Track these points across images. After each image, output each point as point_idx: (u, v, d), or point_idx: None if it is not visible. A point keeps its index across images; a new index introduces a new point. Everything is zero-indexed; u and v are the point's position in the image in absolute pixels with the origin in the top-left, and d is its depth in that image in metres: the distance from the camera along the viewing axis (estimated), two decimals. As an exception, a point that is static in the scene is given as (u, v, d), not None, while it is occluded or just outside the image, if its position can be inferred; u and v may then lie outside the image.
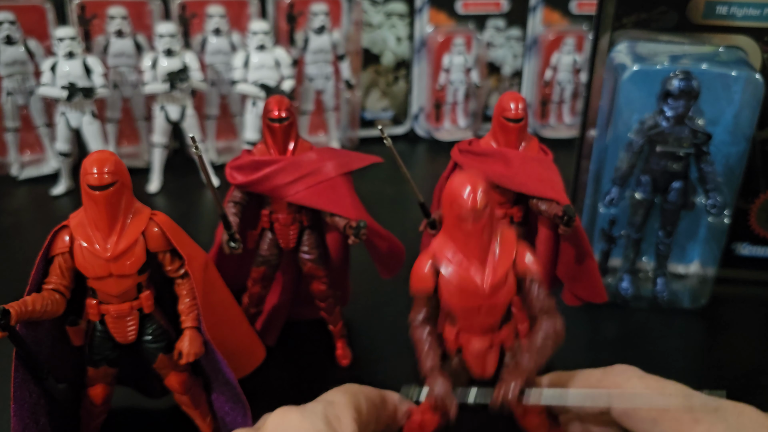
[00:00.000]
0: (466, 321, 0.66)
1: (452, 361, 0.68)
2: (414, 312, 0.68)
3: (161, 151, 1.59)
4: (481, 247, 0.63)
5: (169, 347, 0.78)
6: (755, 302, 1.18)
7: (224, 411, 0.81)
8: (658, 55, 1.04)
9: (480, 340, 0.66)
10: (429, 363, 0.65)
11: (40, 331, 0.74)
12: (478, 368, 0.67)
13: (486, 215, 0.62)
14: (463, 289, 0.64)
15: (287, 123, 0.88)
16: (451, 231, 0.64)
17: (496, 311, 0.65)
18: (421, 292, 0.66)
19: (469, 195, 0.61)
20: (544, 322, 0.65)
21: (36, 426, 0.72)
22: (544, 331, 0.65)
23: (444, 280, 0.64)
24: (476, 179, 0.62)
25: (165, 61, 1.50)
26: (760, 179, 1.14)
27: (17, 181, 1.60)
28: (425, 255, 0.66)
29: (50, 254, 0.73)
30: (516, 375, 0.63)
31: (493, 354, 0.66)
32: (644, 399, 0.62)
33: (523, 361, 0.64)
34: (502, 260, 0.64)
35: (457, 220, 0.62)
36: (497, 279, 0.63)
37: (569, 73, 1.90)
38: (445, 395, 0.64)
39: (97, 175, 0.69)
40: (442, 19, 1.84)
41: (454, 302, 0.65)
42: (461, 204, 0.61)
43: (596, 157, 1.11)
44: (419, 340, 0.67)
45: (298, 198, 0.88)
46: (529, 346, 0.65)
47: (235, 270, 0.96)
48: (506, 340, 0.67)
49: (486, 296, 0.63)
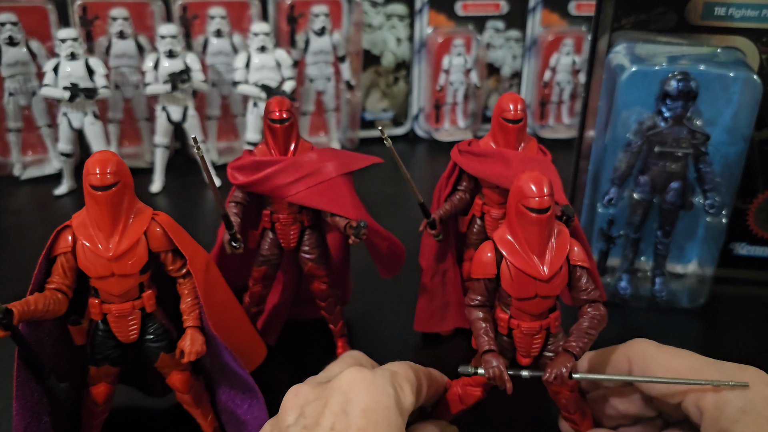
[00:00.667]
0: (520, 307, 0.72)
1: (502, 340, 0.75)
2: (471, 294, 0.74)
3: (163, 152, 1.59)
4: (542, 240, 0.69)
5: (170, 346, 0.78)
6: (753, 302, 1.18)
7: (235, 404, 0.81)
8: (657, 56, 1.05)
9: (530, 324, 0.72)
10: (485, 344, 0.72)
11: (42, 331, 0.74)
12: (525, 348, 0.74)
13: (550, 212, 0.68)
14: (523, 278, 0.69)
15: (288, 124, 0.88)
16: (516, 224, 0.69)
17: (548, 299, 0.71)
18: (482, 276, 0.72)
19: (537, 192, 0.67)
20: (590, 310, 0.72)
21: (38, 425, 0.73)
22: (590, 318, 0.72)
23: (506, 267, 0.70)
24: (542, 177, 0.68)
25: (167, 62, 1.50)
26: (758, 179, 1.14)
27: (20, 181, 1.61)
28: (488, 243, 0.72)
29: (53, 254, 0.73)
30: (566, 358, 0.70)
31: (540, 337, 0.73)
32: (678, 381, 0.68)
33: (571, 345, 0.70)
34: (558, 253, 0.70)
35: (522, 214, 0.68)
36: (554, 270, 0.69)
37: (568, 74, 1.90)
38: (501, 373, 0.70)
39: (99, 175, 0.69)
40: (442, 21, 1.84)
41: (513, 289, 0.70)
42: (529, 200, 0.67)
43: (595, 157, 1.11)
44: (475, 320, 0.73)
45: (299, 198, 0.88)
46: (577, 332, 0.71)
47: (237, 269, 0.97)
48: (552, 325, 0.73)
49: (543, 286, 0.69)
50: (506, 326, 0.73)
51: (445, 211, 0.96)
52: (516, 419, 0.90)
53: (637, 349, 0.74)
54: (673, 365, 0.70)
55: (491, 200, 0.96)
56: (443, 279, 1.02)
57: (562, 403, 0.77)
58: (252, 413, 0.81)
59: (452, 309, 1.04)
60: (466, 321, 1.05)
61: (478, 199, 0.97)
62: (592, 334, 0.71)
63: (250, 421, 0.81)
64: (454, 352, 1.03)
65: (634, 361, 0.73)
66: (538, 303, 0.71)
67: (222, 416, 0.84)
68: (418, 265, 1.02)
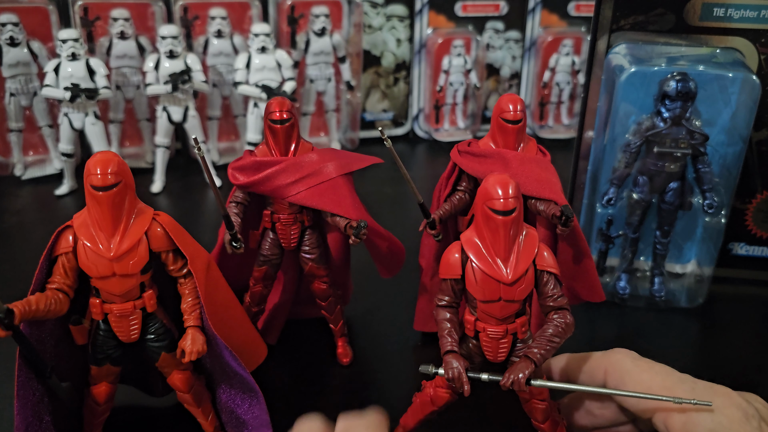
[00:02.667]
0: (485, 309, 0.71)
1: (469, 343, 0.74)
2: (439, 294, 0.74)
3: (164, 152, 1.60)
4: (507, 244, 0.68)
5: (171, 346, 0.79)
6: (752, 301, 1.18)
7: (235, 404, 0.81)
8: (656, 56, 1.05)
9: (496, 328, 0.71)
10: (448, 345, 0.71)
11: (43, 330, 0.75)
12: (491, 352, 0.73)
13: (515, 214, 0.67)
14: (486, 281, 0.69)
15: (288, 124, 0.88)
16: (481, 226, 0.69)
17: (513, 303, 0.70)
18: (449, 277, 0.72)
19: (502, 194, 0.67)
20: (555, 317, 0.71)
21: (39, 424, 0.73)
22: (554, 326, 0.70)
23: (470, 270, 0.70)
24: (508, 180, 0.68)
25: (167, 63, 1.51)
26: (756, 179, 1.14)
27: (21, 181, 1.61)
28: (455, 244, 0.72)
29: (54, 254, 0.73)
30: (525, 364, 0.69)
31: (506, 341, 0.72)
32: (638, 395, 0.67)
33: (533, 351, 0.69)
34: (524, 257, 0.69)
35: (487, 216, 0.68)
36: (518, 274, 0.69)
37: (567, 75, 1.90)
38: (460, 375, 0.69)
39: (100, 175, 0.69)
40: (442, 22, 1.85)
41: (477, 291, 0.70)
42: (493, 202, 0.67)
43: (594, 157, 1.12)
44: (441, 321, 0.73)
45: (300, 198, 0.89)
46: (540, 339, 0.70)
47: (238, 269, 0.97)
48: (519, 331, 0.72)
49: (506, 289, 0.69)
50: (473, 329, 0.73)
51: (444, 212, 0.96)
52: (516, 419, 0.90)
53: (614, 360, 0.73)
54: (646, 380, 0.69)
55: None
56: (443, 279, 1.02)
57: (532, 412, 0.76)
58: (252, 413, 0.81)
59: (452, 309, 1.04)
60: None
61: (478, 200, 0.98)
62: (555, 342, 0.70)
63: (251, 421, 0.81)
64: (453, 352, 1.04)
65: (609, 371, 0.72)
66: (502, 306, 0.70)
67: (222, 416, 0.84)
68: (418, 265, 1.02)
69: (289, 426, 0.87)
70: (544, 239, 0.94)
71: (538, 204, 0.90)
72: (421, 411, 0.80)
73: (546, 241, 0.94)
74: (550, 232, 0.94)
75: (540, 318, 0.98)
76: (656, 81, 1.01)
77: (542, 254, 0.70)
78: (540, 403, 0.75)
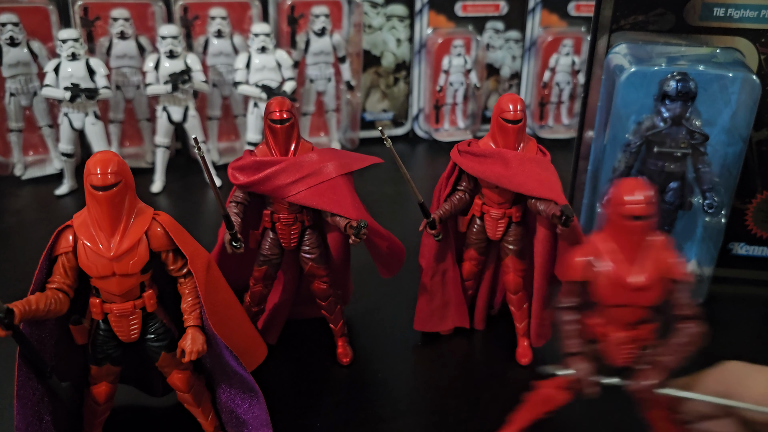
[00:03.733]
0: (611, 314, 0.71)
1: (590, 346, 0.74)
2: (563, 297, 0.73)
3: (164, 152, 1.60)
4: (637, 249, 0.69)
5: (171, 346, 0.79)
6: (752, 301, 1.18)
7: (235, 403, 0.81)
8: (656, 56, 1.05)
9: (621, 333, 0.71)
10: (574, 347, 0.72)
11: (43, 330, 0.75)
12: (614, 357, 0.73)
13: (648, 221, 0.68)
14: (614, 285, 0.69)
15: (288, 124, 0.88)
16: (613, 230, 0.69)
17: (641, 309, 0.70)
18: (574, 279, 0.72)
19: (638, 200, 0.67)
20: (685, 326, 0.70)
21: (39, 424, 0.73)
22: (684, 334, 0.70)
23: (597, 273, 0.70)
24: (645, 185, 0.68)
25: (167, 63, 1.51)
26: (756, 179, 1.14)
27: (21, 181, 1.61)
28: (582, 247, 0.72)
29: (54, 254, 0.73)
30: (656, 371, 0.70)
31: (632, 347, 0.72)
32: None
33: (663, 359, 0.70)
34: (654, 263, 0.69)
35: (621, 221, 0.68)
36: (648, 280, 0.68)
37: (567, 75, 1.90)
38: (586, 377, 0.71)
39: (100, 175, 0.69)
40: (442, 22, 1.85)
41: (604, 295, 0.70)
42: (629, 208, 0.67)
43: (594, 157, 1.12)
44: (565, 323, 0.73)
45: (300, 198, 0.89)
46: (670, 347, 0.70)
47: (237, 269, 0.97)
48: (646, 337, 0.72)
49: (636, 295, 0.69)
50: (596, 332, 0.73)
51: (444, 211, 0.96)
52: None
53: (731, 371, 0.70)
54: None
55: (491, 200, 0.96)
56: (443, 279, 1.02)
57: (652, 421, 0.76)
58: (252, 412, 0.81)
59: (452, 308, 1.04)
60: (466, 321, 1.06)
61: (478, 199, 0.98)
62: (685, 350, 0.70)
63: (251, 421, 0.81)
64: (453, 352, 1.04)
65: (729, 383, 0.69)
66: (630, 312, 0.70)
67: (222, 415, 0.84)
68: (418, 265, 1.02)
69: (289, 425, 0.87)
70: (543, 239, 0.94)
71: (538, 204, 0.90)
72: (533, 411, 0.80)
73: (546, 240, 0.94)
74: (550, 231, 0.94)
75: (541, 318, 0.98)
76: (656, 81, 1.01)
77: (674, 261, 0.70)
78: (662, 411, 0.75)
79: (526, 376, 0.98)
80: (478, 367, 1.01)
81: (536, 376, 0.86)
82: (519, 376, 0.98)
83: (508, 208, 0.96)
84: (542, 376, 0.77)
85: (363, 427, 0.88)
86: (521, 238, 0.98)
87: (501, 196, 0.95)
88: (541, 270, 0.96)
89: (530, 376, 0.97)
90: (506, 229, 0.98)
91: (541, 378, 0.79)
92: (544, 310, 0.98)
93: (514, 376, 0.98)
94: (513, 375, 0.98)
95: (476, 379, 0.98)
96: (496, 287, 1.08)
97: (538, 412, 0.80)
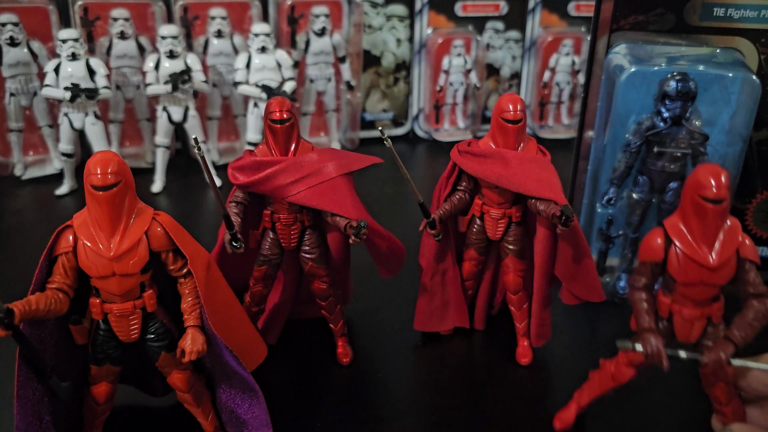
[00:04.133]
0: (684, 292, 0.75)
1: (660, 324, 0.78)
2: (636, 276, 0.78)
3: (164, 152, 1.60)
4: (713, 231, 0.73)
5: (171, 345, 0.79)
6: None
7: (235, 403, 0.82)
8: (656, 56, 1.05)
9: (692, 311, 0.76)
10: (646, 323, 0.76)
11: (43, 330, 0.75)
12: (684, 334, 0.77)
13: (724, 204, 0.71)
14: (689, 264, 0.73)
15: (288, 124, 0.88)
16: (689, 213, 0.73)
17: (713, 288, 0.74)
18: (650, 260, 0.76)
19: (716, 184, 0.71)
20: (756, 303, 0.74)
21: (39, 424, 0.73)
22: (755, 311, 0.74)
23: (674, 253, 0.74)
24: (722, 171, 0.72)
25: (167, 63, 1.51)
26: (756, 179, 1.14)
27: (21, 181, 1.61)
28: (658, 230, 0.76)
29: (54, 254, 0.73)
30: (726, 344, 0.74)
31: (700, 324, 0.76)
32: None
33: (733, 333, 0.74)
34: (727, 244, 0.73)
35: (698, 205, 0.72)
36: (722, 260, 0.73)
37: (567, 75, 1.90)
38: (659, 351, 0.74)
39: (100, 175, 0.70)
40: (442, 22, 1.85)
41: (678, 274, 0.74)
42: (705, 191, 0.71)
43: (594, 157, 1.12)
44: (638, 301, 0.77)
45: (300, 198, 0.89)
46: (740, 323, 0.75)
47: (237, 269, 0.97)
48: (714, 315, 0.76)
49: (709, 274, 0.73)
50: (667, 310, 0.77)
51: (444, 211, 0.96)
52: (516, 419, 0.90)
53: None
54: None
55: (490, 200, 0.96)
56: (443, 278, 1.02)
57: (715, 395, 0.80)
58: (252, 412, 0.81)
59: (452, 308, 1.04)
60: (466, 321, 1.06)
61: (478, 199, 0.98)
62: (756, 326, 0.74)
63: (251, 420, 0.81)
64: (453, 351, 1.04)
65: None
66: (702, 290, 0.74)
67: (222, 415, 0.84)
68: (418, 265, 1.03)
69: (289, 425, 0.87)
70: (543, 239, 0.95)
71: (538, 204, 0.90)
72: (599, 387, 0.84)
73: (546, 240, 0.95)
74: (550, 231, 0.94)
75: (541, 318, 0.99)
76: (656, 81, 1.01)
77: (745, 243, 0.74)
78: (726, 386, 0.79)
79: (526, 376, 0.98)
80: (478, 367, 1.01)
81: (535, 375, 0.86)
82: (519, 376, 0.98)
83: (508, 208, 0.96)
84: (604, 354, 0.83)
85: (363, 426, 0.88)
86: (521, 238, 0.98)
87: (501, 196, 0.95)
88: (541, 270, 0.96)
89: (530, 376, 0.98)
90: (506, 229, 0.98)
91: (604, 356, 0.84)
92: (544, 310, 0.99)
93: (514, 376, 0.98)
94: (513, 375, 0.98)
95: (476, 379, 0.98)
96: (496, 287, 1.08)
97: (605, 388, 0.83)
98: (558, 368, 1.00)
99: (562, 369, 1.00)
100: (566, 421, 0.87)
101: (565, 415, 0.88)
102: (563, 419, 0.87)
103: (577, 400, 0.87)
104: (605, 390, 0.83)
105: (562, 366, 1.01)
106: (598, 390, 0.84)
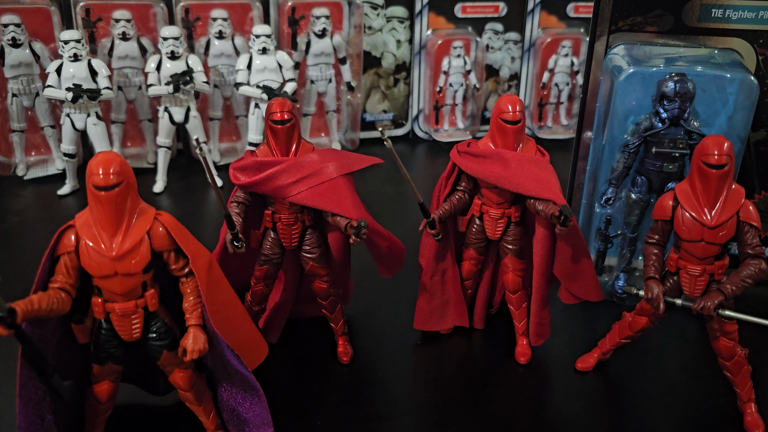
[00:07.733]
0: (688, 249, 0.84)
1: (670, 279, 0.88)
2: (650, 233, 0.88)
3: (166, 152, 1.60)
4: (715, 194, 0.81)
5: (173, 345, 0.79)
6: (751, 300, 1.18)
7: (237, 402, 0.82)
8: (654, 57, 1.06)
9: (696, 266, 0.84)
10: (651, 272, 0.87)
11: (45, 329, 0.75)
12: (688, 288, 0.86)
13: (725, 168, 0.80)
14: (692, 223, 0.82)
15: (289, 125, 0.89)
16: (695, 177, 0.82)
17: (714, 246, 0.83)
18: (660, 218, 0.86)
19: (718, 152, 0.80)
20: (752, 262, 0.82)
21: (41, 423, 0.73)
22: (749, 269, 0.82)
23: (679, 213, 0.84)
24: (725, 140, 0.80)
25: (169, 64, 1.51)
26: (754, 179, 1.15)
27: (23, 181, 1.61)
28: (670, 192, 0.86)
29: (56, 253, 0.74)
30: (716, 294, 0.83)
31: (703, 279, 0.85)
32: None
33: (725, 286, 0.83)
34: (729, 207, 0.81)
35: (702, 169, 0.81)
36: (721, 221, 0.81)
37: (566, 76, 1.91)
38: (658, 296, 0.85)
39: (102, 175, 0.70)
40: (441, 23, 1.85)
41: (683, 232, 0.83)
42: (708, 159, 0.80)
43: (592, 157, 1.12)
44: (648, 255, 0.88)
45: (300, 198, 0.89)
46: (733, 278, 0.83)
47: (239, 269, 0.98)
48: (716, 272, 0.84)
49: (709, 232, 0.82)
50: (675, 266, 0.86)
51: (444, 211, 0.97)
52: (516, 419, 0.91)
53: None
54: None
55: (490, 200, 0.97)
56: (442, 278, 1.03)
57: (719, 349, 0.89)
58: (253, 411, 0.82)
59: (452, 307, 1.05)
60: (465, 320, 1.07)
61: (477, 200, 0.98)
62: (747, 282, 0.82)
63: (252, 419, 0.82)
64: (453, 350, 1.04)
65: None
66: (703, 248, 0.83)
67: (224, 414, 0.85)
68: (417, 265, 1.03)
69: (290, 424, 0.88)
70: (542, 239, 0.95)
71: (536, 204, 0.90)
72: (618, 335, 0.95)
73: (545, 240, 0.95)
74: (548, 231, 0.94)
75: (540, 318, 0.99)
76: (654, 81, 1.02)
77: (747, 208, 0.82)
78: (728, 342, 0.88)
79: (525, 375, 0.99)
80: (478, 366, 1.01)
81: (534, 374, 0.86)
82: (518, 375, 0.98)
83: (507, 208, 0.96)
84: (629, 308, 0.93)
85: (363, 425, 0.89)
86: (520, 237, 0.99)
87: (500, 196, 0.95)
88: (540, 269, 0.96)
89: (529, 375, 0.98)
90: (505, 229, 0.98)
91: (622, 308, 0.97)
92: (543, 309, 0.99)
93: (513, 374, 0.99)
94: (512, 374, 0.99)
95: (476, 378, 0.98)
96: (495, 286, 1.08)
97: (624, 335, 0.94)
98: (557, 367, 1.01)
99: (561, 368, 1.00)
100: (587, 363, 0.98)
101: (587, 359, 0.99)
102: (585, 361, 0.99)
103: (600, 347, 0.98)
104: (624, 336, 0.94)
105: (561, 365, 1.01)
106: (617, 337, 0.95)
